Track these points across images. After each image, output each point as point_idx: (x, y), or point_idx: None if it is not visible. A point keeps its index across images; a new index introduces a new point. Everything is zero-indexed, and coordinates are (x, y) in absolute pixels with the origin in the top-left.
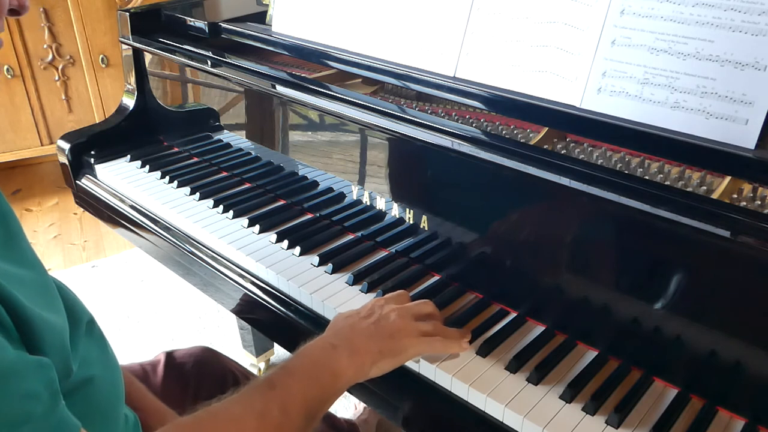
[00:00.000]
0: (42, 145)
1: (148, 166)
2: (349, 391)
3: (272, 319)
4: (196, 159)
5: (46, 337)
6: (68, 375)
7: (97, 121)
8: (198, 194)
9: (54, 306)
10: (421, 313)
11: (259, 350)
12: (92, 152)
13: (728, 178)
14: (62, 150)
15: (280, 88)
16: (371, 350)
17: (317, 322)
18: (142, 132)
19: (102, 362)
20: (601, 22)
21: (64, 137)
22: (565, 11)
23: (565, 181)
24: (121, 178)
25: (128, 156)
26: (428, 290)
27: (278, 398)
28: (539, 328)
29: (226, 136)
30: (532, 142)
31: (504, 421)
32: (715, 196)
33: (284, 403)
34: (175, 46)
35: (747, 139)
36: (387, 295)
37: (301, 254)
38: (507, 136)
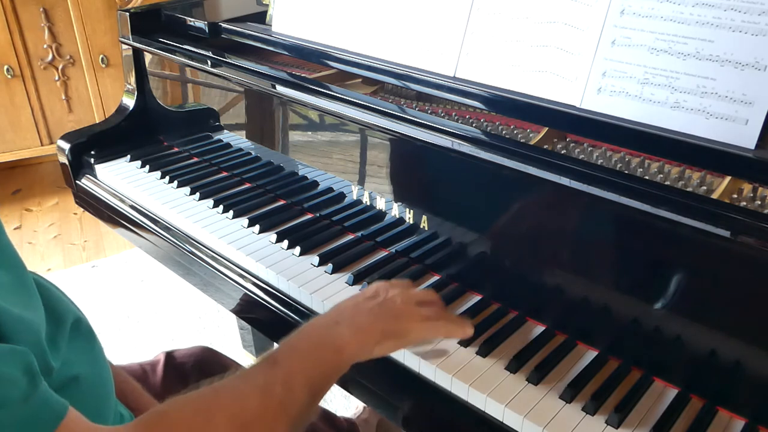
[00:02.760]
0: (42, 145)
1: (148, 166)
2: (349, 391)
3: (272, 319)
4: (196, 159)
5: (20, 333)
6: (48, 372)
7: (97, 121)
8: (198, 194)
9: (31, 304)
10: (425, 299)
11: (259, 350)
12: (92, 152)
13: (728, 178)
14: (62, 150)
15: (280, 88)
16: (375, 330)
17: None
18: (142, 132)
19: (88, 361)
20: (601, 22)
21: (64, 137)
22: (565, 11)
23: (565, 181)
24: (121, 178)
25: (128, 156)
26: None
27: (281, 374)
28: (539, 328)
29: (226, 136)
30: (532, 142)
31: (504, 421)
32: (715, 196)
33: (287, 379)
34: (175, 46)
35: (747, 139)
36: (391, 281)
37: (301, 254)
38: (507, 136)
